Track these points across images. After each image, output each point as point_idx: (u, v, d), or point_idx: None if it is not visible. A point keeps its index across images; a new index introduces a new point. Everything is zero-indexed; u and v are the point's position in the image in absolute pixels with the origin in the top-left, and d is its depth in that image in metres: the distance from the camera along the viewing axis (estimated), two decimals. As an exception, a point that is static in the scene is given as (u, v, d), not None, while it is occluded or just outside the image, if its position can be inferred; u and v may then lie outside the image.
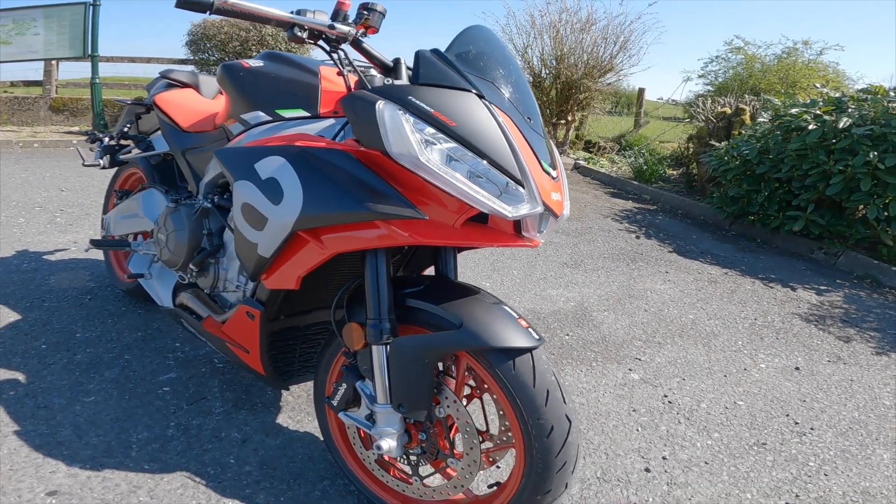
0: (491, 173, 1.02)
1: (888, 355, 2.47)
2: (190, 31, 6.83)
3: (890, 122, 3.58)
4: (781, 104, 4.21)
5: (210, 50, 6.64)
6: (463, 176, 1.00)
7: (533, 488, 1.06)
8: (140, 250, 1.99)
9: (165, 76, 2.18)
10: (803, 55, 7.39)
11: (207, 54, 6.69)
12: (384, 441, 1.14)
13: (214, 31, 6.51)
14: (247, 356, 1.41)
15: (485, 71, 1.11)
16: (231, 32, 6.49)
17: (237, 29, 6.50)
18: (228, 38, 6.47)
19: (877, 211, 3.56)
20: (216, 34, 6.50)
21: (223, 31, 6.49)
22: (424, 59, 1.09)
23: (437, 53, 1.11)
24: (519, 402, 1.04)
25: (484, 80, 1.09)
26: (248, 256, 1.24)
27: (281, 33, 6.69)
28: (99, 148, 2.29)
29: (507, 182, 1.03)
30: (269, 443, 1.54)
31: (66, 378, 1.78)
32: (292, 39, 1.16)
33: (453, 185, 0.99)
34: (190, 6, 1.07)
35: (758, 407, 1.96)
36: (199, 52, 6.75)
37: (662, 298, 2.91)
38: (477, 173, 1.02)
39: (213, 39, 6.52)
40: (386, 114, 1.01)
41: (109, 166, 2.27)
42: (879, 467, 1.63)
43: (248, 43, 6.49)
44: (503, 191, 1.03)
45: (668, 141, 6.35)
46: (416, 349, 1.08)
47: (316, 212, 1.07)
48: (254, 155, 1.20)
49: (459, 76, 1.07)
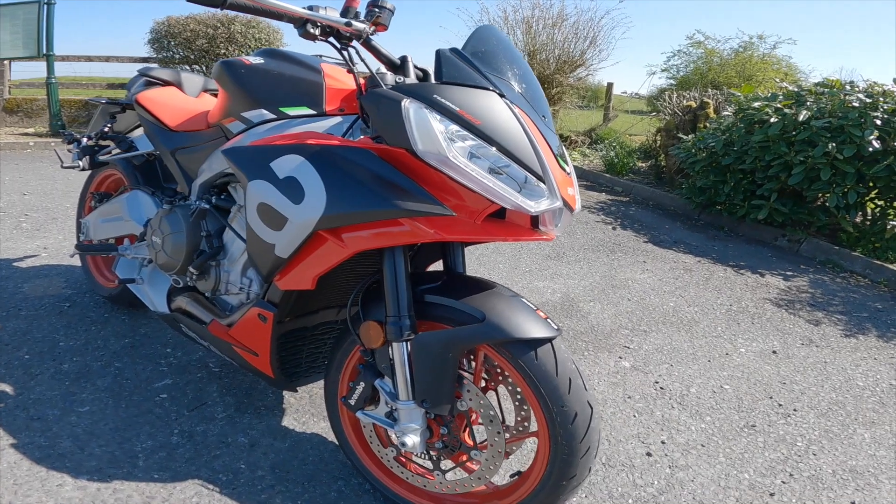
0: (510, 169, 1.05)
1: (856, 337, 2.61)
2: (152, 29, 6.59)
3: (847, 115, 3.76)
4: (744, 98, 4.37)
5: (174, 48, 6.42)
6: (486, 172, 1.02)
7: (558, 475, 1.09)
8: (128, 254, 1.93)
9: (145, 74, 2.12)
10: (758, 49, 7.71)
11: (171, 52, 6.47)
12: (408, 437, 1.15)
13: (179, 28, 6.30)
14: (256, 359, 1.39)
15: (500, 70, 1.13)
16: (197, 30, 6.28)
17: (204, 26, 6.30)
18: (195, 35, 6.27)
19: (836, 199, 3.74)
20: (181, 32, 6.29)
21: (189, 28, 6.28)
22: (446, 58, 1.10)
23: (456, 52, 1.12)
24: (543, 391, 1.07)
25: (501, 79, 1.11)
26: (263, 258, 1.23)
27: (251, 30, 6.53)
28: (77, 149, 2.20)
29: (526, 177, 1.05)
30: (278, 446, 1.53)
31: (55, 388, 1.72)
32: (304, 36, 1.14)
33: (479, 182, 1.01)
34: (202, 1, 1.05)
35: (743, 390, 2.06)
36: (163, 51, 6.51)
37: (643, 287, 3.00)
38: (497, 169, 1.04)
39: (177, 37, 6.30)
40: (412, 112, 1.02)
41: (89, 168, 2.19)
42: (862, 446, 1.74)
43: (216, 40, 6.30)
44: (522, 186, 1.05)
45: (636, 134, 6.52)
46: (441, 344, 1.09)
47: (341, 210, 1.07)
48: (268, 153, 1.19)
49: (480, 75, 1.08)
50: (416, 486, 1.29)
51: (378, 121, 1.07)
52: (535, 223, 1.10)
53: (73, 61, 6.52)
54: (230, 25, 6.34)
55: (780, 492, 1.49)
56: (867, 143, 3.58)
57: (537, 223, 1.10)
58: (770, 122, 3.99)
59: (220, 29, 6.29)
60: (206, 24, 6.30)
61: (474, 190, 1.02)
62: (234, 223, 1.51)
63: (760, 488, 1.51)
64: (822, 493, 1.50)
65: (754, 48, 7.67)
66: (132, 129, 2.27)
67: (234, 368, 1.90)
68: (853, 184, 3.71)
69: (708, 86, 6.47)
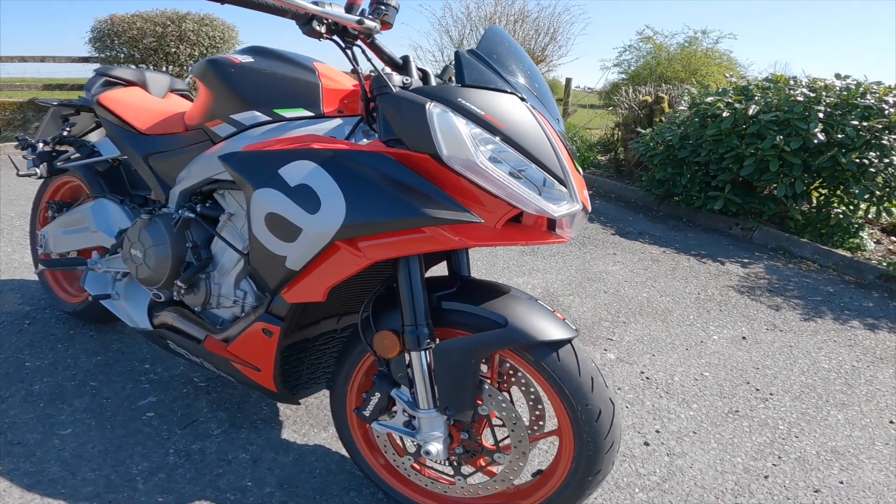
0: (529, 171, 1.04)
1: (815, 321, 2.77)
2: (94, 28, 6.19)
3: (792, 109, 3.97)
4: (698, 93, 4.55)
5: (119, 47, 6.06)
6: (509, 176, 1.01)
7: (584, 470, 1.11)
8: (98, 268, 1.81)
9: (105, 74, 1.99)
10: (702, 44, 8.03)
11: (115, 51, 6.10)
12: (432, 445, 1.14)
13: (125, 27, 5.94)
14: (258, 374, 1.34)
15: (514, 72, 1.12)
16: (145, 28, 5.94)
17: (152, 24, 5.97)
18: (141, 34, 5.92)
19: (785, 189, 3.95)
20: (126, 30, 5.93)
21: (135, 26, 5.94)
22: (467, 60, 1.08)
23: (474, 54, 1.10)
24: (567, 391, 1.08)
25: (517, 82, 1.10)
26: (271, 270, 1.17)
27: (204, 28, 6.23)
28: (33, 155, 2.05)
29: (545, 178, 1.05)
30: (282, 460, 1.48)
31: (30, 411, 1.61)
32: (309, 34, 1.10)
33: (504, 187, 1.00)
34: None
35: (721, 377, 2.15)
36: (106, 50, 6.14)
37: (617, 279, 3.08)
38: (516, 172, 1.03)
39: (122, 36, 5.94)
40: (438, 116, 0.99)
41: (47, 175, 2.04)
42: (838, 428, 1.84)
43: (165, 38, 5.98)
44: (541, 188, 1.05)
45: (594, 128, 6.67)
46: (464, 351, 1.09)
47: (362, 220, 1.03)
48: (275, 160, 1.13)
49: (500, 78, 1.07)
50: (436, 492, 1.28)
51: (400, 124, 1.04)
52: (552, 225, 1.10)
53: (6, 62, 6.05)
54: (181, 23, 6.04)
55: (773, 474, 1.57)
56: (812, 136, 3.79)
57: (553, 225, 1.10)
58: (722, 116, 4.17)
59: (170, 27, 5.98)
60: (155, 23, 5.99)
61: (497, 195, 1.02)
62: (223, 233, 1.42)
63: (754, 471, 1.58)
64: (810, 473, 1.59)
65: (698, 43, 8.01)
66: (86, 132, 2.14)
67: (222, 382, 1.83)
68: (800, 174, 3.93)
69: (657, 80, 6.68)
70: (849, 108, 3.93)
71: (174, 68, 6.17)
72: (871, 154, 3.81)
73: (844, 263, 3.65)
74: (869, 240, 4.04)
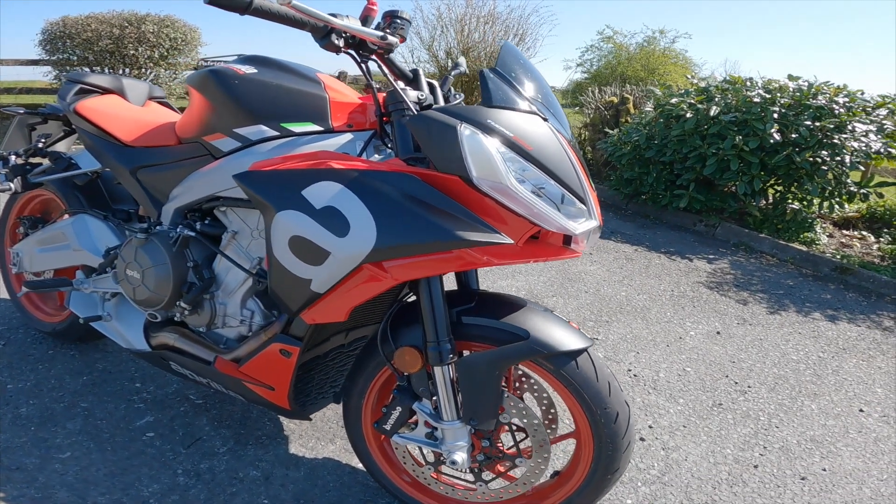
0: (548, 188, 1.06)
1: (780, 314, 2.93)
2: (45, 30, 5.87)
3: (750, 109, 4.16)
4: (662, 94, 4.71)
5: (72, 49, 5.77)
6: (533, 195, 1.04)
7: (604, 470, 1.16)
8: (85, 288, 1.74)
9: (79, 81, 1.89)
10: (660, 43, 8.31)
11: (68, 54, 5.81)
12: (457, 455, 1.17)
13: (78, 28, 5.65)
14: (271, 393, 1.34)
15: (532, 90, 1.14)
16: (100, 30, 5.66)
17: (108, 26, 5.70)
18: (97, 36, 5.64)
19: (744, 187, 4.14)
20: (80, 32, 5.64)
21: (90, 28, 5.66)
22: (493, 81, 1.09)
23: (497, 74, 1.11)
24: (586, 396, 1.12)
25: (536, 101, 1.13)
26: (294, 293, 1.15)
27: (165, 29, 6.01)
28: (5, 169, 1.95)
29: (563, 195, 1.07)
30: (294, 475, 1.48)
31: (22, 435, 1.55)
32: (327, 47, 1.10)
33: (529, 207, 1.03)
34: (224, 5, 0.98)
35: (702, 371, 2.26)
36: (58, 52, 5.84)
37: (595, 279, 3.17)
38: (537, 190, 1.05)
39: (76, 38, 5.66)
40: (468, 138, 1.01)
41: (22, 190, 1.95)
42: (813, 417, 1.97)
43: (123, 41, 5.72)
44: (559, 205, 1.08)
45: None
46: (488, 364, 1.12)
47: (394, 243, 1.03)
48: (298, 180, 1.11)
49: (523, 99, 1.10)
50: (457, 498, 1.31)
51: (428, 145, 1.05)
52: (567, 241, 1.14)
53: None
54: (140, 25, 5.80)
55: (762, 463, 1.67)
56: (769, 136, 3.99)
57: (569, 241, 1.14)
58: (686, 117, 4.33)
59: (128, 28, 5.73)
60: (111, 24, 5.73)
61: (521, 214, 1.04)
62: (228, 251, 1.39)
63: (744, 462, 1.68)
64: (795, 462, 1.70)
65: (657, 42, 8.29)
66: (54, 142, 2.06)
67: (220, 398, 1.80)
68: (758, 172, 4.13)
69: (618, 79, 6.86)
70: (802, 109, 4.15)
71: (133, 71, 5.94)
72: (823, 153, 4.03)
73: (801, 257, 3.86)
74: (822, 234, 4.28)
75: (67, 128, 2.08)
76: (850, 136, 4.00)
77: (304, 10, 1.02)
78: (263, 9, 1.00)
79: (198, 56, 6.44)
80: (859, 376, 2.29)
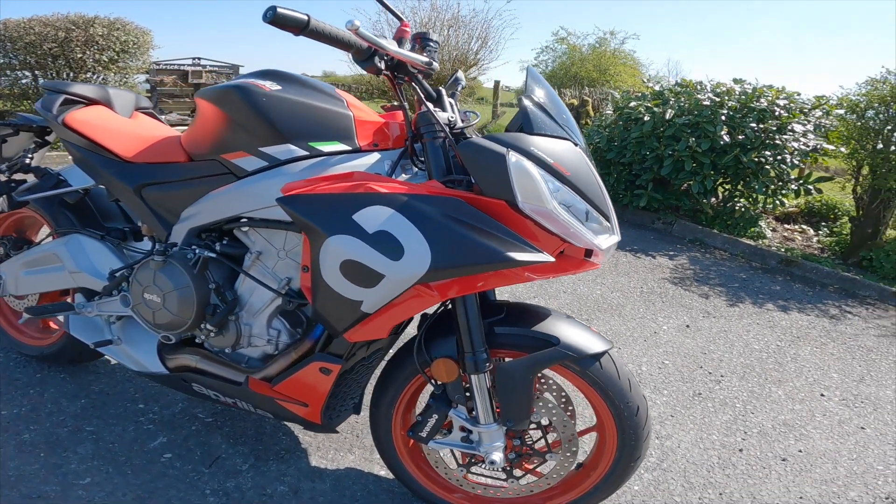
0: (575, 207, 1.15)
1: (738, 306, 3.17)
2: None
3: (701, 112, 4.43)
4: (621, 98, 4.93)
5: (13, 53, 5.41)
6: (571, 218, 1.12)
7: (627, 458, 1.28)
8: (88, 312, 1.69)
9: (62, 90, 1.79)
10: (610, 44, 8.65)
11: (9, 58, 5.44)
12: (495, 455, 1.26)
13: (21, 31, 5.29)
14: (304, 410, 1.37)
15: (560, 117, 1.22)
16: (44, 33, 5.32)
17: (53, 29, 5.37)
18: (41, 38, 5.30)
19: (698, 186, 4.41)
20: (22, 35, 5.29)
21: (33, 31, 5.31)
22: (531, 109, 1.17)
23: (533, 101, 1.18)
24: (610, 393, 1.24)
25: (565, 127, 1.22)
26: (343, 314, 1.18)
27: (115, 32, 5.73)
28: None
29: (587, 212, 1.16)
30: (320, 487, 1.52)
31: (33, 462, 1.53)
32: (369, 69, 1.15)
33: (564, 227, 1.11)
34: (283, 25, 1.02)
35: (679, 364, 2.43)
36: None
37: (571, 279, 3.32)
38: (567, 209, 1.14)
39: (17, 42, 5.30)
40: (515, 165, 1.08)
41: (8, 210, 1.87)
42: (781, 403, 2.17)
43: (70, 44, 5.40)
44: (583, 222, 1.16)
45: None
46: (524, 370, 1.21)
47: (448, 265, 1.07)
48: (348, 204, 1.12)
49: (557, 126, 1.18)
50: (488, 496, 1.40)
51: (476, 170, 1.11)
52: (588, 254, 1.24)
53: None
54: (88, 27, 5.50)
55: (746, 447, 1.84)
56: (719, 137, 4.26)
57: (590, 254, 1.24)
58: (644, 120, 4.56)
59: (75, 31, 5.43)
60: (56, 27, 5.41)
61: (555, 233, 1.13)
62: (252, 272, 1.40)
63: (730, 446, 1.84)
64: (774, 444, 1.88)
65: (607, 44, 8.63)
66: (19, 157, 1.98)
67: (230, 415, 1.81)
68: (709, 172, 4.40)
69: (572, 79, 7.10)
70: (747, 111, 4.45)
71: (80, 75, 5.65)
72: (766, 153, 4.35)
73: (750, 251, 4.16)
74: (766, 228, 4.61)
75: (39, 139, 2.00)
76: (790, 137, 4.33)
77: (366, 37, 1.07)
78: (317, 30, 1.05)
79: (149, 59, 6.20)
80: (815, 363, 2.53)
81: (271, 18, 1.01)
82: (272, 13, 1.00)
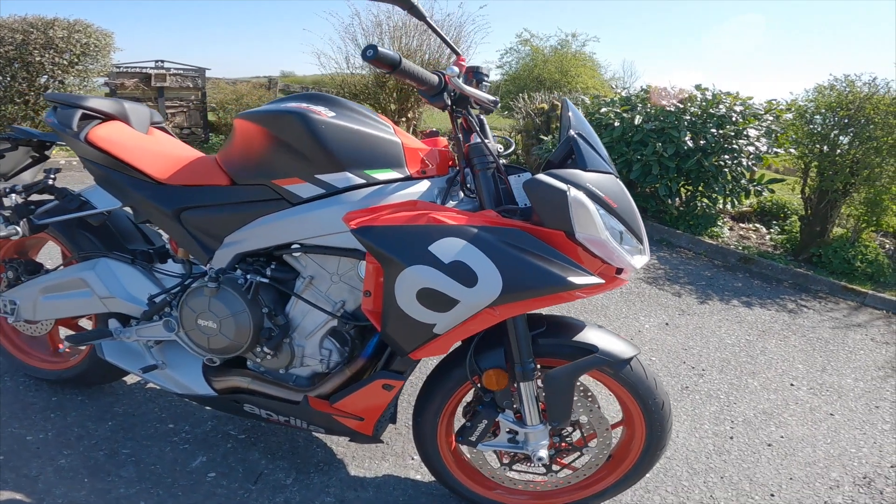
0: (613, 230, 1.28)
1: (707, 303, 3.43)
2: None
3: (667, 118, 4.70)
4: (591, 103, 5.15)
5: None
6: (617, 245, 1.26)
7: (654, 447, 1.46)
8: (127, 337, 1.71)
9: (77, 105, 1.72)
10: (572, 46, 8.92)
11: None
12: (542, 452, 1.40)
13: None
14: (359, 424, 1.47)
15: (600, 150, 1.35)
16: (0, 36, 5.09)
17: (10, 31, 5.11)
18: None
19: (664, 189, 4.69)
20: None
21: None
22: (584, 147, 1.30)
23: (582, 138, 1.31)
24: (640, 391, 1.41)
25: (606, 160, 1.34)
26: (414, 336, 1.27)
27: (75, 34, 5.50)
28: (5, 211, 1.77)
29: (621, 234, 1.30)
30: (365, 496, 1.63)
31: (78, 488, 1.57)
32: (436, 103, 1.27)
33: (612, 254, 1.25)
34: (379, 63, 1.14)
35: (664, 360, 2.64)
36: None
37: (555, 283, 3.50)
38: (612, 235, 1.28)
39: None
40: (574, 200, 1.20)
41: (29, 234, 1.84)
42: (759, 393, 2.41)
43: (28, 46, 5.15)
44: (619, 242, 1.29)
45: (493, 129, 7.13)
46: (569, 376, 1.35)
47: (517, 291, 1.17)
48: (423, 237, 1.21)
49: (603, 161, 1.31)
50: (529, 490, 1.56)
51: (539, 204, 1.23)
52: (619, 271, 1.38)
53: None
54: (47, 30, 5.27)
55: (735, 435, 2.06)
56: (683, 143, 4.54)
57: (620, 271, 1.39)
58: (614, 125, 4.79)
59: (34, 33, 5.19)
60: (13, 29, 5.15)
61: (599, 256, 1.25)
62: (305, 295, 1.47)
63: (721, 434, 2.06)
64: (758, 431, 2.10)
65: (569, 45, 8.89)
66: (18, 171, 1.97)
67: (262, 430, 1.88)
68: (674, 176, 4.69)
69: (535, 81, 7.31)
70: (707, 117, 4.75)
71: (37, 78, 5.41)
72: (725, 157, 4.66)
73: (712, 250, 4.46)
74: (724, 227, 4.95)
75: (37, 154, 1.97)
76: (746, 142, 4.66)
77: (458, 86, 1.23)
78: (403, 70, 1.18)
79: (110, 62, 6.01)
80: (781, 355, 2.80)
81: (372, 57, 1.12)
82: (373, 52, 1.12)
